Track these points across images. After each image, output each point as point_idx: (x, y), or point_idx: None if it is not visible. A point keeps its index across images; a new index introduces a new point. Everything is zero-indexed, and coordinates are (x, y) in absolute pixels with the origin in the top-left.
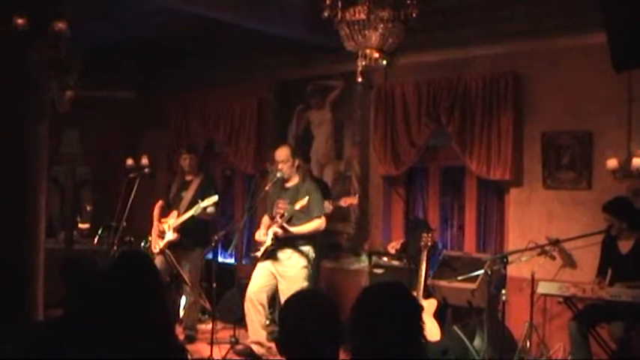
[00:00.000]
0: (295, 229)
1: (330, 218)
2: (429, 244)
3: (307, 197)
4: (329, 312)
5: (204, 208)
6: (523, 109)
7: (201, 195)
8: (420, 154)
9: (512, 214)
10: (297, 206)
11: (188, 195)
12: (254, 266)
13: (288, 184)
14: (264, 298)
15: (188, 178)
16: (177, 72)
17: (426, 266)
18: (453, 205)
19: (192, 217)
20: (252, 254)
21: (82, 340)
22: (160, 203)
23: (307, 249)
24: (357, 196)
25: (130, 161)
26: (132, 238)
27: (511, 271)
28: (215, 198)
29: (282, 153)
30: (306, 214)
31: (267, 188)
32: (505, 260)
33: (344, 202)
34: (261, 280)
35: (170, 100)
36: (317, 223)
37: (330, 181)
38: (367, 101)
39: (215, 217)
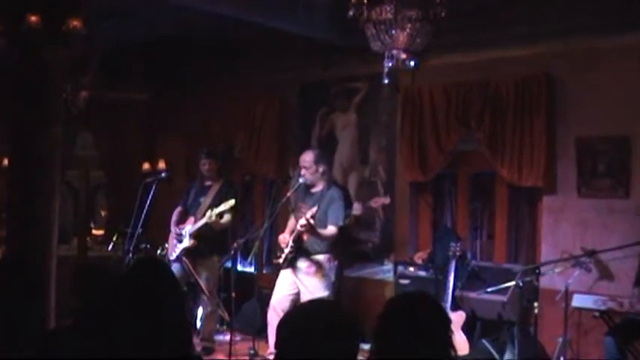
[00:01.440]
0: (320, 231)
1: (354, 225)
2: (458, 253)
3: (316, 208)
4: (342, 325)
5: (220, 215)
6: (557, 112)
7: (220, 201)
8: (448, 160)
9: (545, 223)
10: (309, 214)
11: (206, 201)
12: (277, 274)
13: (313, 190)
14: (287, 307)
15: (207, 183)
16: (195, 73)
17: (454, 277)
18: (483, 213)
19: (208, 224)
20: (274, 261)
21: (93, 351)
22: (178, 210)
23: (326, 257)
24: (389, 196)
25: (146, 165)
26: (148, 245)
27: (544, 282)
28: (231, 202)
29: (307, 158)
30: (321, 222)
31: (288, 194)
32: (537, 271)
33: (375, 203)
34: (284, 288)
35: (188, 102)
36: (330, 232)
37: (355, 187)
38: (394, 104)
39: (230, 225)
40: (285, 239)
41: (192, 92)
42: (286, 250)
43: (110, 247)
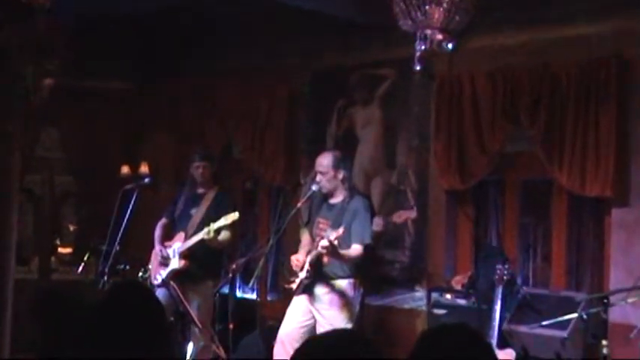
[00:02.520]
0: (343, 252)
1: (378, 242)
2: (505, 278)
3: (342, 229)
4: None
5: (218, 231)
6: (630, 104)
7: (215, 213)
8: (493, 164)
9: (614, 242)
10: (332, 236)
11: (199, 212)
12: (284, 302)
13: (332, 201)
14: (298, 342)
15: (200, 191)
16: (186, 58)
17: (502, 307)
18: (537, 228)
19: (203, 241)
20: (286, 286)
21: None
22: (163, 222)
23: (350, 283)
24: (415, 209)
25: (125, 169)
26: (127, 267)
27: (614, 315)
28: (234, 216)
29: (324, 161)
30: (344, 240)
31: (299, 205)
32: (606, 301)
33: (398, 218)
34: (296, 318)
35: (177, 93)
36: (355, 251)
37: (379, 197)
38: (427, 96)
39: (230, 243)
40: (300, 261)
41: (184, 81)
42: (301, 275)
43: (80, 268)
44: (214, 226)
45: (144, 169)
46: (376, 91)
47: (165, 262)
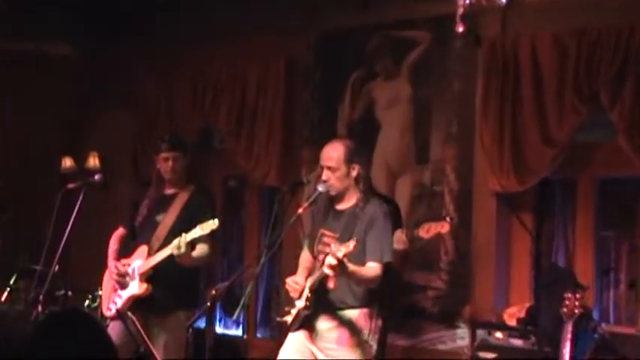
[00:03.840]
0: (355, 268)
1: (403, 263)
2: (577, 311)
3: (354, 242)
4: None
5: (192, 244)
6: None
7: (189, 220)
8: (561, 157)
9: None
10: (341, 252)
11: (167, 220)
12: (280, 339)
13: (340, 206)
14: None
15: (169, 191)
16: (150, 17)
17: (572, 349)
18: (619, 245)
19: (173, 258)
20: (278, 319)
21: None
22: (119, 233)
23: (365, 314)
24: (450, 221)
25: (68, 162)
26: (69, 293)
27: None
28: (213, 224)
29: (333, 153)
30: (357, 257)
31: (300, 211)
32: None
33: (426, 232)
34: None
35: (137, 62)
36: (372, 271)
37: (407, 201)
38: (471, 67)
39: (208, 260)
40: (298, 285)
41: (146, 46)
42: (299, 304)
43: (4, 295)
44: (187, 237)
45: (93, 161)
46: (404, 61)
47: (121, 286)
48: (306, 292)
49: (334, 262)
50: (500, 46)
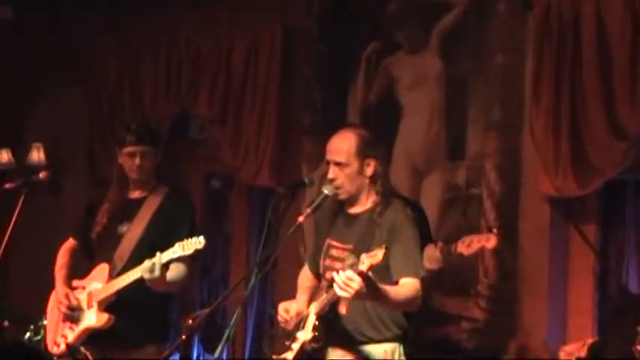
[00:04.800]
0: (388, 287)
1: (431, 285)
2: None
3: (382, 249)
4: None
5: (165, 266)
6: None
7: (161, 232)
8: (633, 153)
9: None
10: (364, 265)
11: (134, 232)
12: None
13: (353, 210)
14: None
15: (136, 195)
16: None
17: None
18: None
19: (142, 281)
20: (274, 357)
21: None
22: (70, 246)
23: (385, 351)
24: (496, 233)
25: (4, 155)
26: (4, 322)
27: None
28: (196, 243)
29: (343, 145)
30: (385, 273)
31: (300, 219)
32: None
33: (467, 248)
34: None
35: (93, 30)
36: (410, 288)
37: (436, 207)
38: (519, 37)
39: (183, 285)
40: (288, 315)
41: (111, 13)
42: (303, 335)
43: None
44: (164, 258)
45: (36, 155)
46: (433, 29)
47: (73, 315)
48: (312, 320)
49: (354, 278)
50: (555, 11)
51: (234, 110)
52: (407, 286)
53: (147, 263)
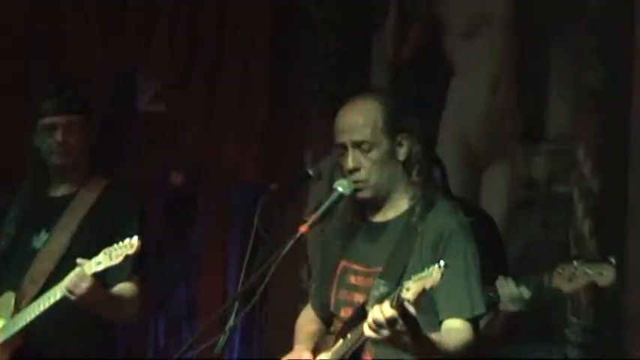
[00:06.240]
0: (434, 335)
1: (507, 331)
2: None
3: (439, 266)
4: None
5: (97, 275)
6: None
7: (96, 243)
8: None
9: None
10: (410, 292)
11: (55, 245)
12: None
13: (381, 216)
14: None
15: (57, 191)
16: None
17: None
18: None
19: (66, 302)
20: None
21: None
22: None
23: None
24: (613, 263)
25: None
26: None
27: None
28: (126, 247)
29: (363, 118)
30: (430, 309)
31: (302, 230)
32: None
33: (568, 282)
34: None
35: None
36: (459, 338)
37: (501, 210)
38: None
39: (133, 311)
40: None
41: None
42: None
43: None
44: (88, 269)
45: None
46: None
47: None
48: None
49: (393, 314)
50: None
51: (205, 70)
52: (454, 334)
53: (69, 278)
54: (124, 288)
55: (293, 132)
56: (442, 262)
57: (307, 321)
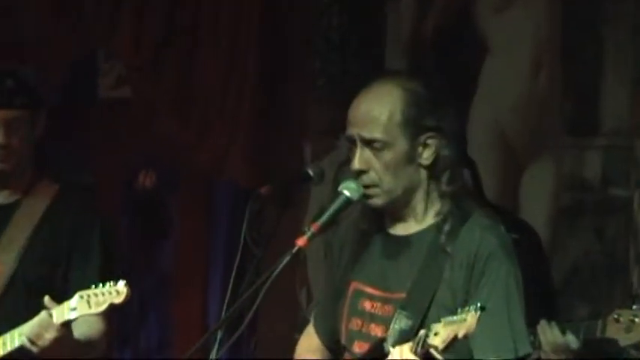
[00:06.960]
0: None
1: None
2: None
3: (474, 312)
4: None
5: (65, 328)
6: None
7: (49, 264)
8: None
9: None
10: (439, 338)
11: (0, 263)
12: None
13: (401, 229)
14: None
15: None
16: None
17: None
18: None
19: (24, 351)
20: None
21: None
22: None
23: None
24: None
25: None
26: None
27: None
28: (112, 295)
29: (379, 107)
30: (462, 350)
31: (300, 244)
32: None
33: (624, 332)
34: None
35: None
36: None
37: (544, 219)
38: None
39: (101, 349)
40: None
41: None
42: None
43: None
44: (55, 317)
45: None
46: None
47: None
48: None
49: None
50: None
51: (180, 46)
52: None
53: (30, 325)
54: (90, 326)
55: (289, 125)
56: (479, 305)
57: (309, 350)
